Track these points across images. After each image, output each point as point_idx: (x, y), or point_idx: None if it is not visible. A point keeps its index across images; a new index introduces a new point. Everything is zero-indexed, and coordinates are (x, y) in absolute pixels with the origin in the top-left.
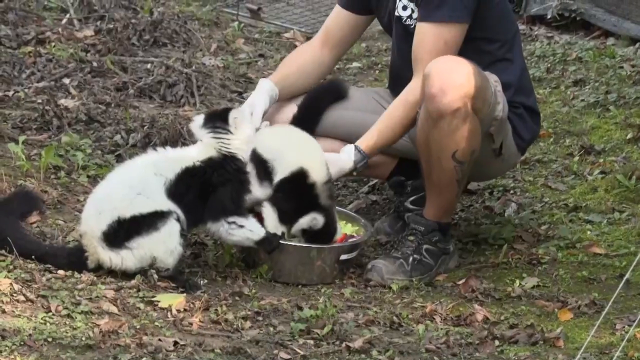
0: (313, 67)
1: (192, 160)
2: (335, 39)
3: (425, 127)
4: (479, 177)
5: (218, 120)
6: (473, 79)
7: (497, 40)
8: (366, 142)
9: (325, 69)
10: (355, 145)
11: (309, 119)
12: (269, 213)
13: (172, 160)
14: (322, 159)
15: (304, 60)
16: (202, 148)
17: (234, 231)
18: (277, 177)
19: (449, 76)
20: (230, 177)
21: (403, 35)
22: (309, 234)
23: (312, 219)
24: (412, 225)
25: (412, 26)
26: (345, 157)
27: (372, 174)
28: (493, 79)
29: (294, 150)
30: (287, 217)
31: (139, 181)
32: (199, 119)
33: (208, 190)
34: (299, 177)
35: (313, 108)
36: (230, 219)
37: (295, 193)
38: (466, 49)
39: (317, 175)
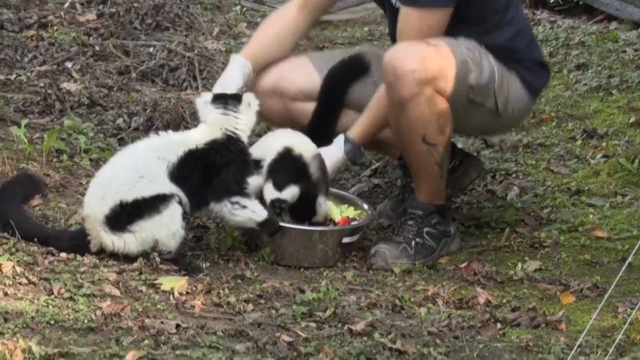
0: (287, 34)
1: (195, 142)
2: (314, 3)
3: (392, 115)
4: (493, 132)
5: (230, 99)
6: (429, 63)
7: (486, 12)
8: (355, 130)
9: (300, 35)
10: (344, 135)
11: (333, 98)
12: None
13: (175, 144)
14: (306, 139)
15: (280, 29)
16: (205, 130)
17: (236, 211)
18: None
19: (402, 64)
20: (234, 158)
21: (392, 18)
22: (292, 210)
23: (291, 192)
24: (410, 210)
25: (398, 9)
26: (335, 148)
27: (383, 152)
28: (467, 47)
29: (277, 138)
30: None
31: (142, 165)
32: (206, 96)
33: (211, 173)
34: (285, 154)
35: (337, 86)
36: (234, 199)
37: (284, 169)
38: (454, 28)
39: (303, 149)
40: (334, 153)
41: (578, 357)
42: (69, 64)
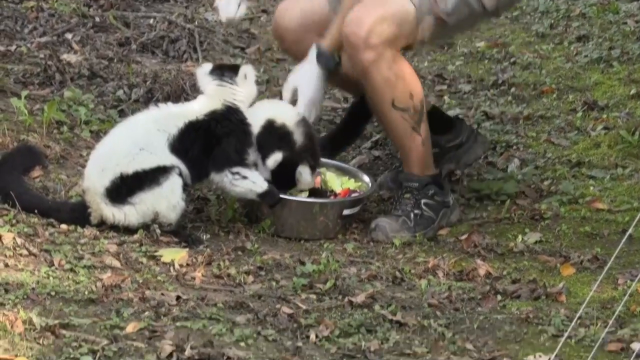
0: None
1: (195, 114)
2: None
3: (363, 84)
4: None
5: (226, 71)
6: (381, 25)
7: None
8: (327, 39)
9: None
10: (315, 45)
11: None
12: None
13: (175, 116)
14: (288, 107)
15: None
16: (205, 101)
17: (237, 182)
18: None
19: (355, 32)
20: (234, 128)
21: None
22: (277, 177)
23: (274, 159)
24: (405, 183)
25: None
26: (308, 62)
27: (347, 90)
28: None
29: (259, 111)
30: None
31: (142, 137)
32: (206, 67)
33: (212, 143)
34: (268, 126)
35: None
36: (234, 170)
37: (268, 140)
38: None
39: (286, 118)
40: (307, 68)
41: (578, 328)
42: (69, 35)
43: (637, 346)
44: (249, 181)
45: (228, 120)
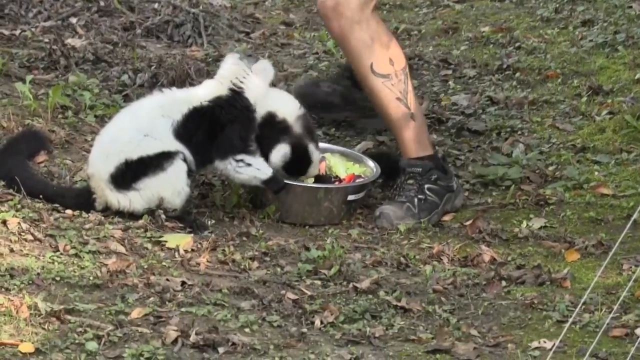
0: None
1: (199, 100)
2: None
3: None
4: None
5: (248, 57)
6: None
7: None
8: None
9: None
10: None
11: None
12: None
13: (179, 101)
14: (289, 98)
15: None
16: (210, 86)
17: (241, 169)
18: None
19: (324, 2)
20: (238, 115)
21: None
22: (287, 168)
23: (282, 152)
24: (408, 169)
25: None
26: None
27: None
28: None
29: (262, 102)
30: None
31: (146, 123)
32: (234, 54)
33: (216, 130)
34: (269, 120)
35: None
36: (238, 157)
37: (268, 133)
38: None
39: (286, 112)
40: None
41: (582, 314)
42: (73, 20)
43: None
44: (253, 168)
45: (233, 106)
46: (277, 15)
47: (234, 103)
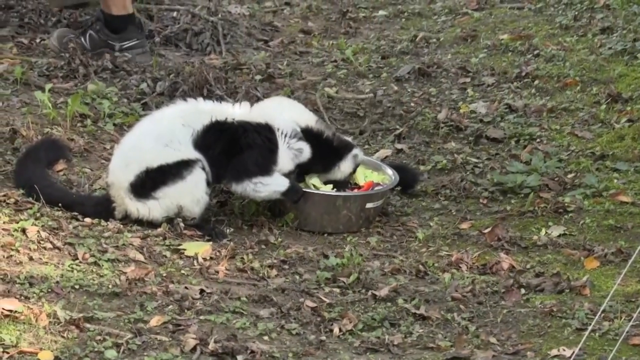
0: None
1: (226, 115)
2: None
3: None
4: None
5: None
6: None
7: None
8: None
9: None
10: None
11: None
12: None
13: (202, 112)
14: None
15: None
16: (245, 110)
17: (260, 188)
18: None
19: None
20: (261, 144)
21: None
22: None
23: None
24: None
25: None
26: None
27: None
28: None
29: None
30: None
31: (167, 133)
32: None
33: (234, 149)
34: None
35: None
36: (255, 180)
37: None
38: None
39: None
40: None
41: (602, 322)
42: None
43: None
44: (271, 185)
45: (257, 133)
46: (296, 23)
47: (261, 131)
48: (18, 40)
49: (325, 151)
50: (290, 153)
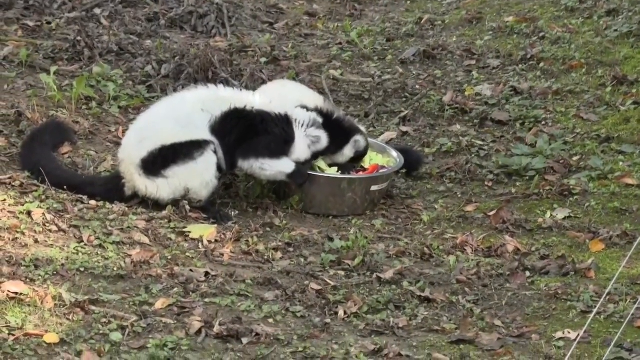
0: None
1: (245, 102)
2: None
3: None
4: None
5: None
6: None
7: None
8: None
9: None
10: None
11: None
12: None
13: (221, 99)
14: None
15: None
16: (267, 100)
17: (266, 167)
18: None
19: None
20: (277, 133)
21: None
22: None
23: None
24: None
25: None
26: None
27: None
28: None
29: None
30: None
31: (185, 115)
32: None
33: (249, 134)
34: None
35: None
36: (261, 160)
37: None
38: None
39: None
40: None
41: (607, 304)
42: (97, 11)
43: None
44: (277, 166)
45: (274, 123)
46: (301, 5)
47: (278, 122)
48: (23, 22)
49: (334, 133)
50: (308, 140)
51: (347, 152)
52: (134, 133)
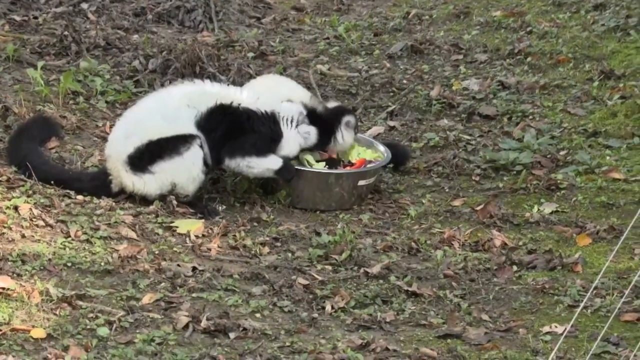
0: None
1: (231, 99)
2: None
3: None
4: None
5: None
6: None
7: None
8: None
9: None
10: None
11: None
12: None
13: (208, 94)
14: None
15: None
16: (253, 97)
17: (253, 165)
18: None
19: None
20: (264, 131)
21: None
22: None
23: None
24: None
25: None
26: None
27: None
28: None
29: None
30: None
31: (172, 111)
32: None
33: (235, 131)
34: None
35: None
36: (248, 158)
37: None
38: None
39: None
40: None
41: (594, 299)
42: (84, 5)
43: None
44: (265, 163)
45: (261, 122)
46: (288, 0)
47: (265, 121)
48: (10, 17)
49: (323, 124)
50: (300, 137)
51: (345, 136)
52: (120, 129)
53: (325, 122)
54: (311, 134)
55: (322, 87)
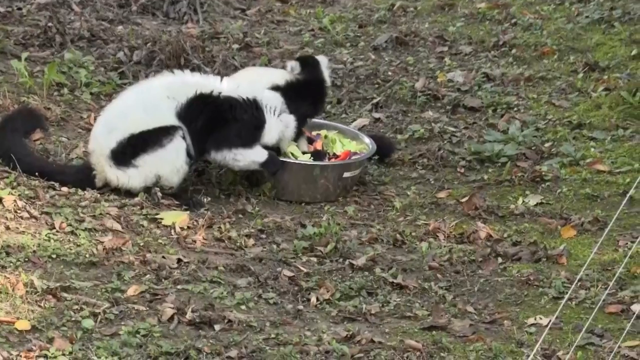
0: None
1: (211, 88)
2: None
3: None
4: None
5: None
6: None
7: None
8: None
9: None
10: None
11: None
12: None
13: (187, 85)
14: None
15: None
16: (233, 85)
17: (239, 158)
18: None
19: None
20: (247, 119)
21: None
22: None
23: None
24: None
25: None
26: None
27: None
28: None
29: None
30: None
31: (152, 102)
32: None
33: (217, 122)
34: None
35: None
36: (234, 150)
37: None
38: None
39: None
40: None
41: (578, 290)
42: None
43: (637, 308)
44: (251, 155)
45: (243, 110)
46: None
47: (246, 108)
48: None
49: (307, 94)
50: (281, 125)
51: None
52: (102, 124)
53: (310, 82)
54: (290, 122)
55: None
